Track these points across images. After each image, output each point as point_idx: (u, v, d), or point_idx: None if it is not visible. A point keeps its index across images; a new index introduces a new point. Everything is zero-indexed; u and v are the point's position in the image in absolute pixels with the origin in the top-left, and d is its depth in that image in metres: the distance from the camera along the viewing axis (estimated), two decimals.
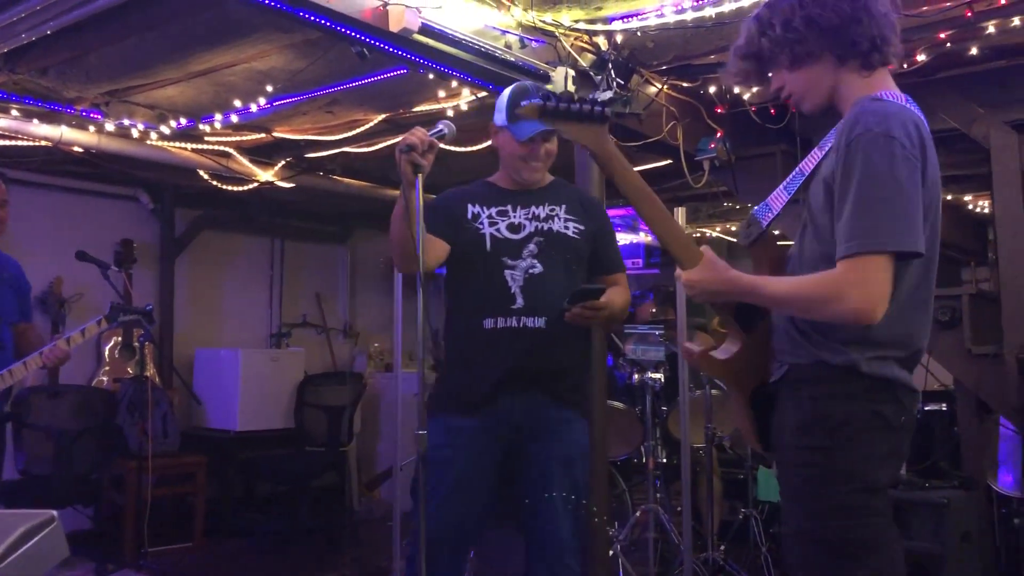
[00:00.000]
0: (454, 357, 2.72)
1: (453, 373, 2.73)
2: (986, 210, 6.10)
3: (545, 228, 2.68)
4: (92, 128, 4.78)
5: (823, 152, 1.92)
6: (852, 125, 1.79)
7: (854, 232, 1.73)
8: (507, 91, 2.74)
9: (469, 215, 2.71)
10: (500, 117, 2.71)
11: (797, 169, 1.98)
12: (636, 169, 2.01)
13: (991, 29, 3.44)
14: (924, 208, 1.77)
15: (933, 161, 1.83)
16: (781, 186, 2.00)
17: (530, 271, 2.63)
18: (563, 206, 2.74)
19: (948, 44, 3.59)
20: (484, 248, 2.65)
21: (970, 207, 6.34)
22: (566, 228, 2.70)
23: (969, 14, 3.29)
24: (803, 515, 1.87)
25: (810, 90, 1.97)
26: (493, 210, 2.72)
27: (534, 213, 2.71)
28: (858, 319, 1.74)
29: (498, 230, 2.69)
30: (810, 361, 1.87)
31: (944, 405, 4.27)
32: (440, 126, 2.43)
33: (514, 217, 2.71)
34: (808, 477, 1.86)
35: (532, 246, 2.66)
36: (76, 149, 4.93)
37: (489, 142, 2.83)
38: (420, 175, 2.33)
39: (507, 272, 2.62)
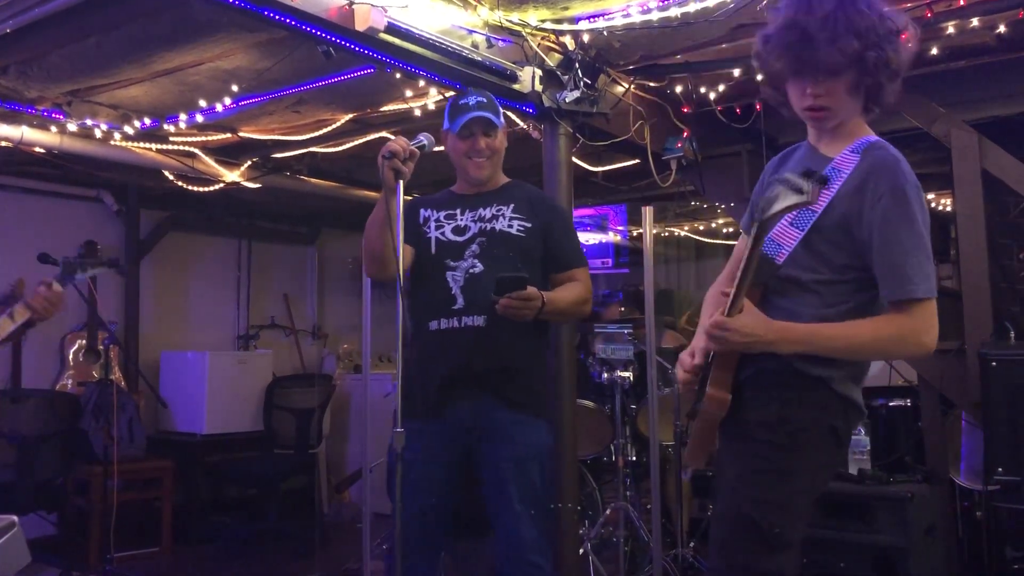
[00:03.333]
0: (408, 361, 2.74)
1: (407, 377, 2.74)
2: (948, 208, 6.19)
3: (488, 228, 2.72)
4: (54, 128, 4.71)
5: (832, 192, 1.91)
6: (893, 171, 1.86)
7: (919, 277, 1.83)
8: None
9: (420, 219, 2.78)
10: (445, 123, 2.79)
11: (807, 208, 1.96)
12: (604, 168, 2.04)
13: (951, 30, 3.50)
14: None
15: None
16: (786, 222, 1.96)
17: (471, 271, 2.67)
18: (511, 205, 2.77)
19: (909, 44, 3.64)
20: (430, 252, 2.71)
21: (932, 205, 6.44)
22: (510, 226, 2.73)
23: (929, 15, 3.34)
24: (745, 500, 1.93)
25: (843, 113, 1.98)
26: (441, 214, 2.78)
27: (480, 215, 2.75)
28: (927, 354, 1.89)
29: (443, 233, 2.75)
30: (782, 367, 1.92)
31: (908, 401, 4.32)
32: (421, 137, 2.51)
33: (461, 220, 2.76)
34: (761, 469, 1.93)
35: (475, 247, 2.70)
36: (38, 150, 4.85)
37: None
38: (401, 182, 2.38)
39: (449, 274, 2.67)
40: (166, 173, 5.43)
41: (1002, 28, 3.55)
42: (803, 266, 1.96)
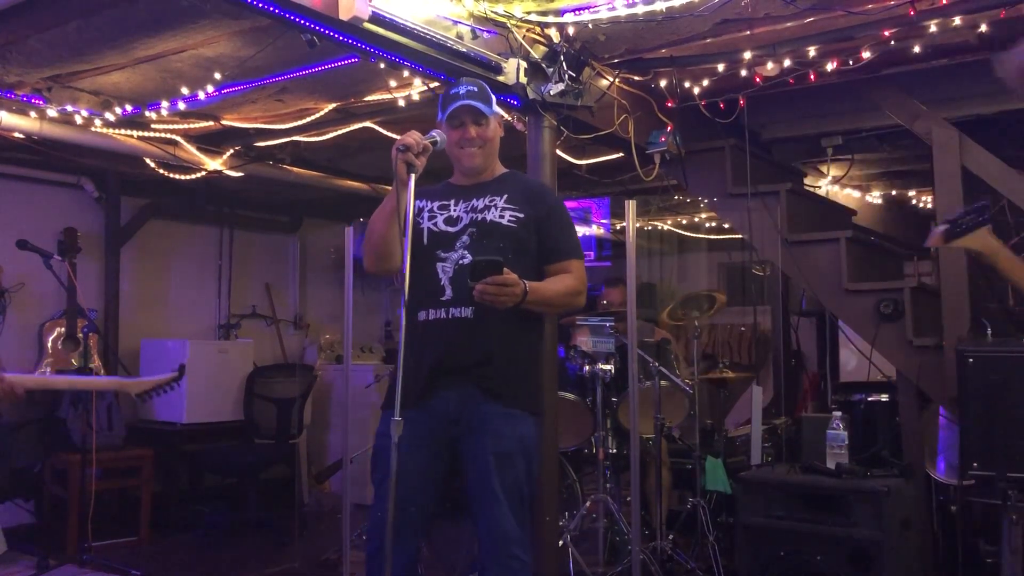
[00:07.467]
0: (399, 351, 2.73)
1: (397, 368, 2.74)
2: (929, 205, 6.23)
3: (479, 219, 2.71)
4: (34, 114, 4.66)
5: None
6: None
7: None
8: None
9: (415, 211, 2.75)
10: (439, 113, 2.78)
11: None
12: (588, 162, 2.04)
13: (933, 28, 3.52)
14: None
15: None
16: None
17: (460, 262, 2.65)
18: (504, 196, 2.75)
19: (892, 42, 3.67)
20: (422, 242, 2.70)
21: (914, 202, 6.49)
22: (501, 217, 2.70)
23: (912, 13, 3.36)
24: None
25: None
26: (435, 204, 2.77)
27: (473, 205, 2.74)
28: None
29: (436, 224, 2.74)
30: None
31: (886, 396, 4.36)
32: (434, 133, 2.55)
33: (454, 211, 2.75)
34: None
35: (465, 237, 2.68)
36: (17, 135, 4.80)
37: None
38: (413, 175, 2.39)
39: (439, 264, 2.66)
40: (147, 160, 5.39)
41: (984, 27, 3.58)
42: None
